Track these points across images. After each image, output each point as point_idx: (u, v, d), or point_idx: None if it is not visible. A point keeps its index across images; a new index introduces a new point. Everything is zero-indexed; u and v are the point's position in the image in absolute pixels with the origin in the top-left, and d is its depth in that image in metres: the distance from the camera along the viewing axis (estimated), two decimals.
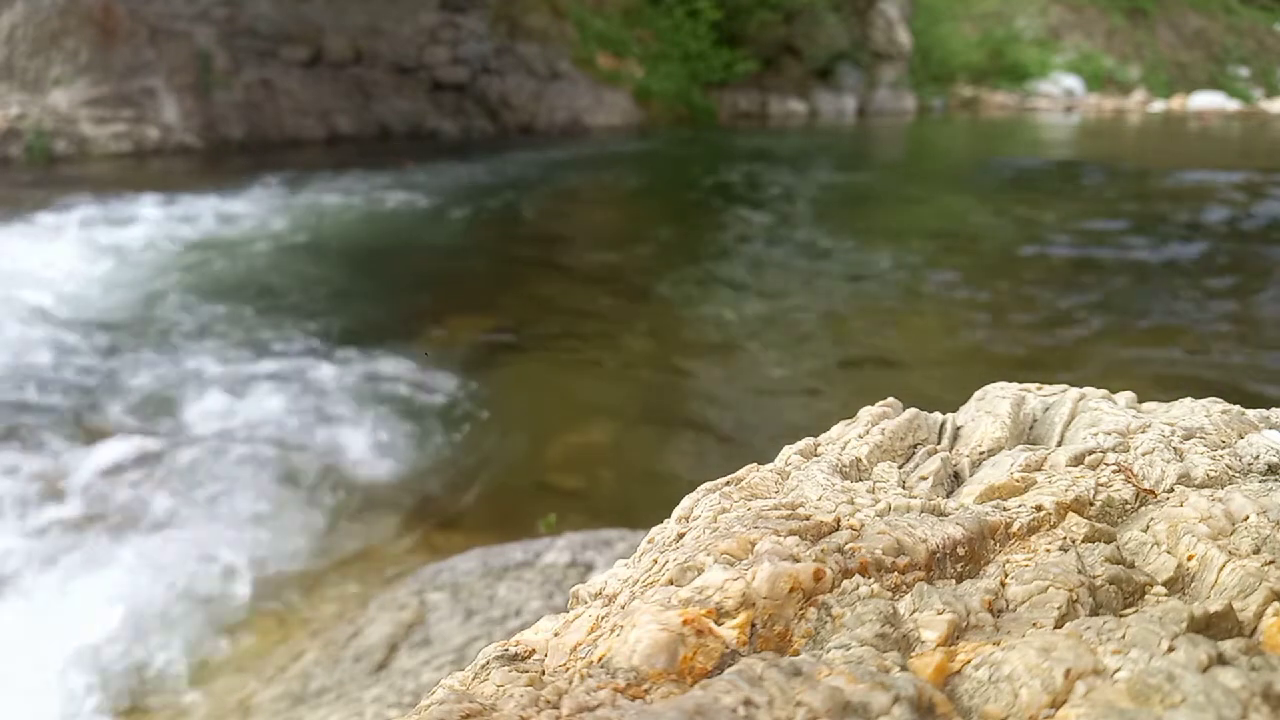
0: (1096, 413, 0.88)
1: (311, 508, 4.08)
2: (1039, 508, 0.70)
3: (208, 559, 3.65)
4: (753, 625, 0.59)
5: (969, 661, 0.54)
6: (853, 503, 0.73)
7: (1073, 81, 27.87)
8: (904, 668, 0.54)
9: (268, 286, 7.46)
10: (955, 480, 0.82)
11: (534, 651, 0.65)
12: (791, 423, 4.98)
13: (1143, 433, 0.82)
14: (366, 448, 4.68)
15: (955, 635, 0.57)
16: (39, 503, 4.02)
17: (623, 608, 0.65)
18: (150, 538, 3.76)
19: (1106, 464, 0.78)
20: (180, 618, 3.30)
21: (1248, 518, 0.66)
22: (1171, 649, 0.51)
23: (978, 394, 0.96)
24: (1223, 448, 0.80)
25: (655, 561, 0.69)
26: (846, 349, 6.48)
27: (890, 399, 0.94)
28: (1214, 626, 0.56)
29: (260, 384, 5.41)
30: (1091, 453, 0.79)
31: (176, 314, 6.69)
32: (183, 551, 3.68)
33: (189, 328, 6.37)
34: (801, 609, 0.60)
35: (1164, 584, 0.62)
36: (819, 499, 0.74)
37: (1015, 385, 0.96)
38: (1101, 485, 0.74)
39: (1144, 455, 0.78)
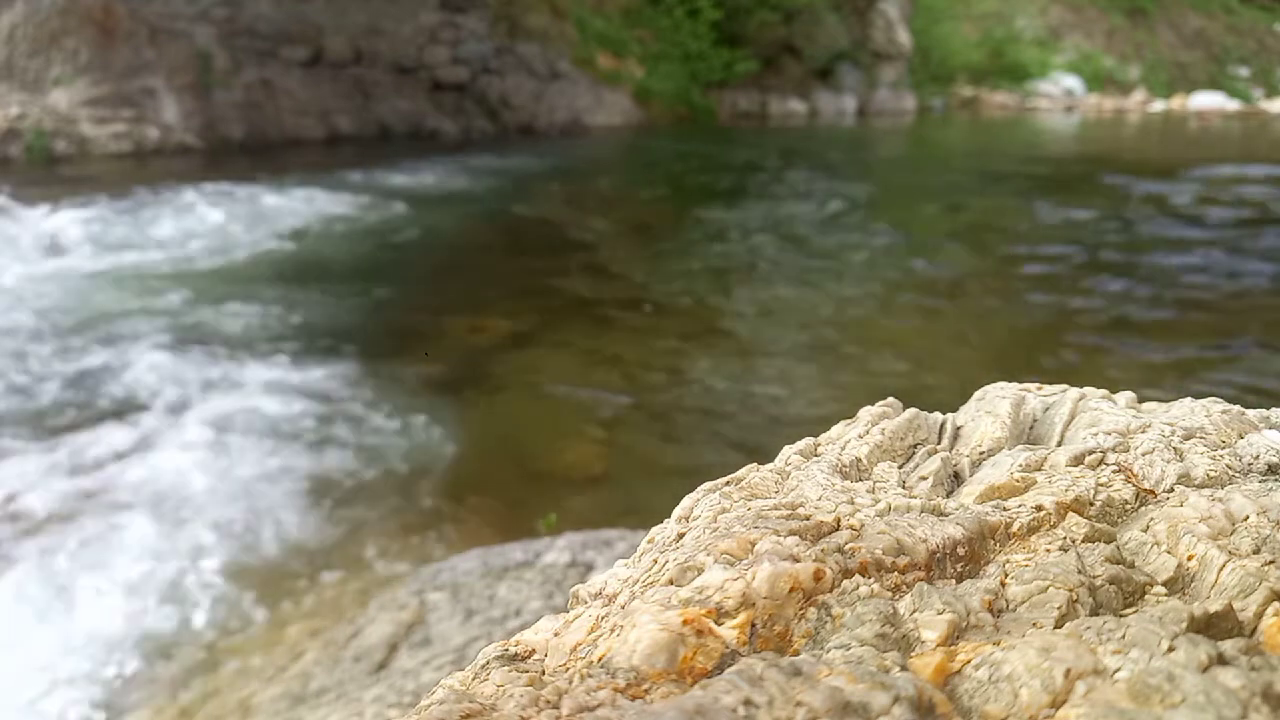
0: (1096, 413, 0.88)
1: (311, 507, 4.08)
2: (1039, 508, 0.70)
3: (207, 558, 3.65)
4: (753, 625, 0.59)
5: (969, 661, 0.54)
6: (853, 503, 0.73)
7: (1073, 81, 27.86)
8: (904, 668, 0.54)
9: (268, 286, 7.46)
10: (955, 480, 0.82)
11: (534, 651, 0.65)
12: (792, 422, 4.98)
13: (1143, 433, 0.82)
14: (366, 447, 4.68)
15: (955, 635, 0.57)
16: (35, 497, 4.02)
17: (623, 608, 0.65)
18: (149, 536, 3.76)
19: (1106, 464, 0.78)
20: (179, 617, 3.31)
21: (1248, 518, 0.66)
22: (1171, 649, 0.51)
23: (978, 394, 0.96)
24: (1223, 448, 0.80)
25: (655, 561, 0.69)
26: (847, 349, 6.48)
27: (890, 399, 0.94)
28: (1214, 626, 0.56)
29: (259, 383, 5.41)
30: (1091, 453, 0.79)
31: (180, 316, 6.69)
32: (181, 550, 3.68)
33: (191, 329, 6.37)
34: (801, 609, 0.60)
35: (1164, 584, 0.62)
36: (819, 499, 0.74)
37: (1015, 385, 0.96)
38: (1101, 485, 0.74)
39: (1144, 455, 0.78)
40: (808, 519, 0.68)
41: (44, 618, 3.29)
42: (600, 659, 0.59)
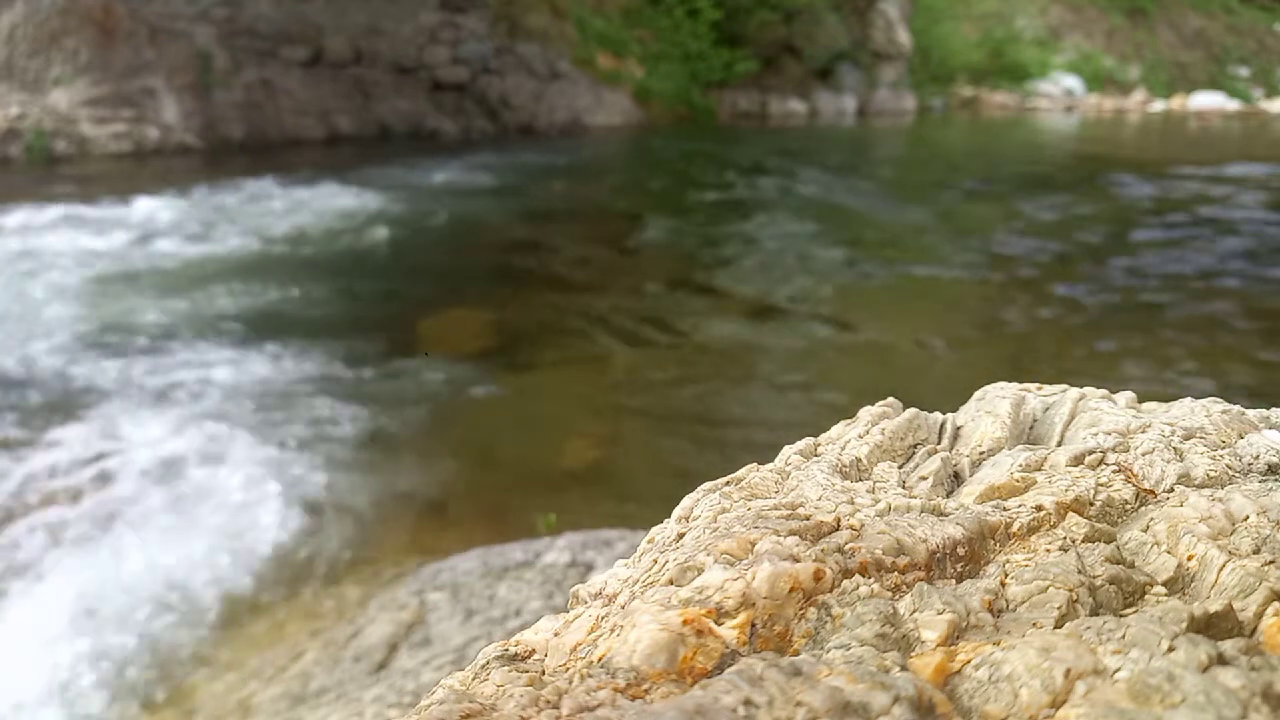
0: (1096, 413, 0.88)
1: (310, 508, 4.08)
2: (1039, 508, 0.70)
3: (207, 558, 3.65)
4: (753, 625, 0.59)
5: (969, 661, 0.54)
6: (853, 503, 0.73)
7: (1073, 81, 27.84)
8: (904, 668, 0.54)
9: (268, 288, 7.46)
10: (955, 480, 0.82)
11: (534, 651, 0.65)
12: (792, 422, 4.98)
13: (1143, 433, 0.82)
14: (365, 445, 4.68)
15: (955, 635, 0.57)
16: (31, 495, 4.02)
17: (623, 608, 0.65)
18: (149, 535, 3.76)
19: (1106, 464, 0.77)
20: (180, 617, 3.30)
21: (1248, 518, 0.66)
22: (1171, 649, 0.51)
23: (978, 394, 0.96)
24: (1223, 448, 0.80)
25: (655, 561, 0.69)
26: (847, 349, 6.48)
27: (890, 399, 0.94)
28: (1214, 626, 0.56)
29: (258, 384, 5.41)
30: (1091, 453, 0.79)
31: (179, 317, 6.69)
32: (181, 550, 3.68)
33: (190, 330, 6.37)
34: (801, 609, 0.60)
35: (1164, 584, 0.62)
36: (819, 499, 0.74)
37: (1015, 385, 0.96)
38: (1101, 485, 0.74)
39: (1144, 455, 0.78)
40: (808, 519, 0.68)
41: (44, 613, 3.29)
42: (600, 659, 0.59)
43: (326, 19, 16.89)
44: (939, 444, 0.88)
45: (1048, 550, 0.66)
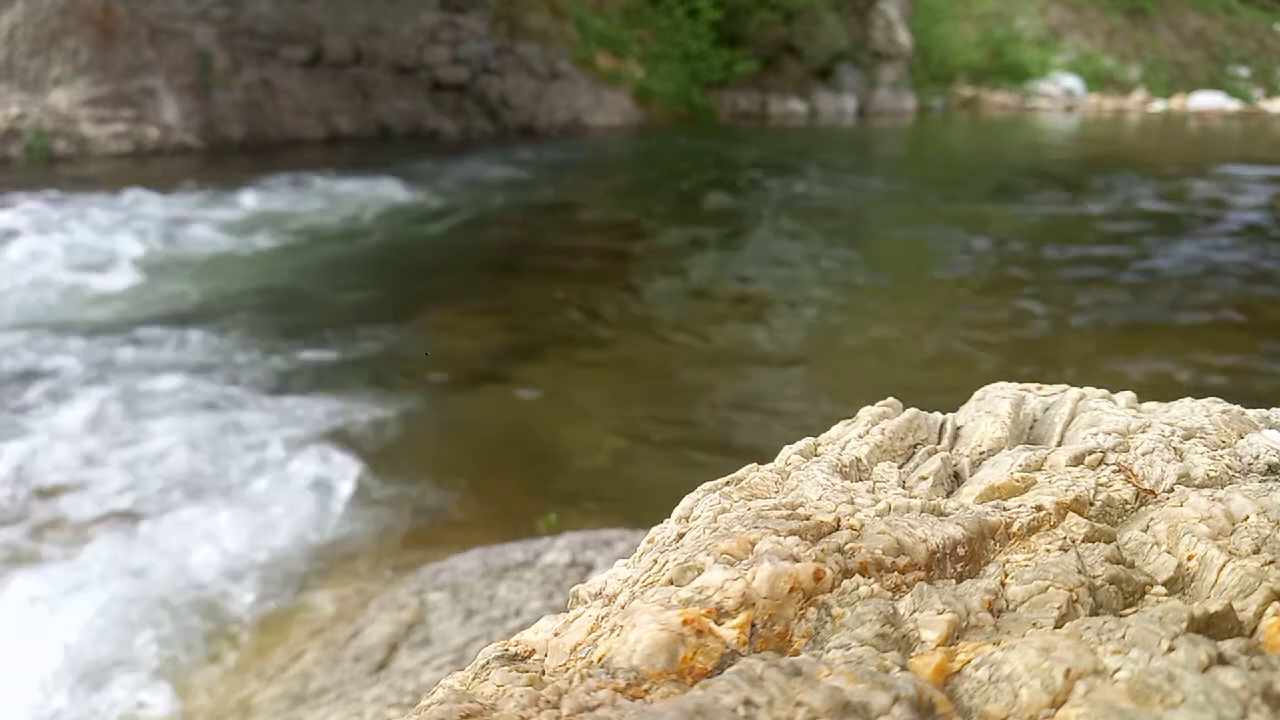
0: (1096, 413, 0.88)
1: (310, 507, 4.08)
2: (1039, 508, 0.70)
3: (207, 558, 3.65)
4: (753, 625, 0.59)
5: (969, 661, 0.54)
6: (853, 503, 0.73)
7: (1073, 81, 27.84)
8: (904, 668, 0.54)
9: (270, 287, 7.46)
10: (955, 480, 0.82)
11: (534, 651, 0.65)
12: (792, 422, 4.98)
13: (1143, 433, 0.82)
14: (366, 448, 4.68)
15: (955, 635, 0.57)
16: (33, 496, 4.02)
17: (623, 608, 0.65)
18: (150, 536, 3.76)
19: (1106, 464, 0.77)
20: (180, 617, 3.30)
21: (1248, 518, 0.66)
22: (1171, 649, 0.51)
23: (978, 394, 0.96)
24: (1223, 448, 0.80)
25: (655, 561, 0.69)
26: (847, 349, 6.48)
27: (890, 399, 0.94)
28: (1214, 626, 0.56)
29: (258, 384, 5.41)
30: (1091, 453, 0.79)
31: (181, 316, 6.69)
32: (182, 551, 3.68)
33: (191, 329, 6.37)
34: (801, 609, 0.60)
35: (1164, 584, 0.62)
36: (819, 499, 0.74)
37: (1015, 385, 0.96)
38: (1101, 485, 0.74)
39: (1144, 455, 0.78)
40: (808, 519, 0.68)
41: (44, 613, 3.29)
42: (600, 659, 0.59)
43: (326, 19, 16.89)
44: (939, 444, 0.88)
45: (1048, 550, 0.66)
